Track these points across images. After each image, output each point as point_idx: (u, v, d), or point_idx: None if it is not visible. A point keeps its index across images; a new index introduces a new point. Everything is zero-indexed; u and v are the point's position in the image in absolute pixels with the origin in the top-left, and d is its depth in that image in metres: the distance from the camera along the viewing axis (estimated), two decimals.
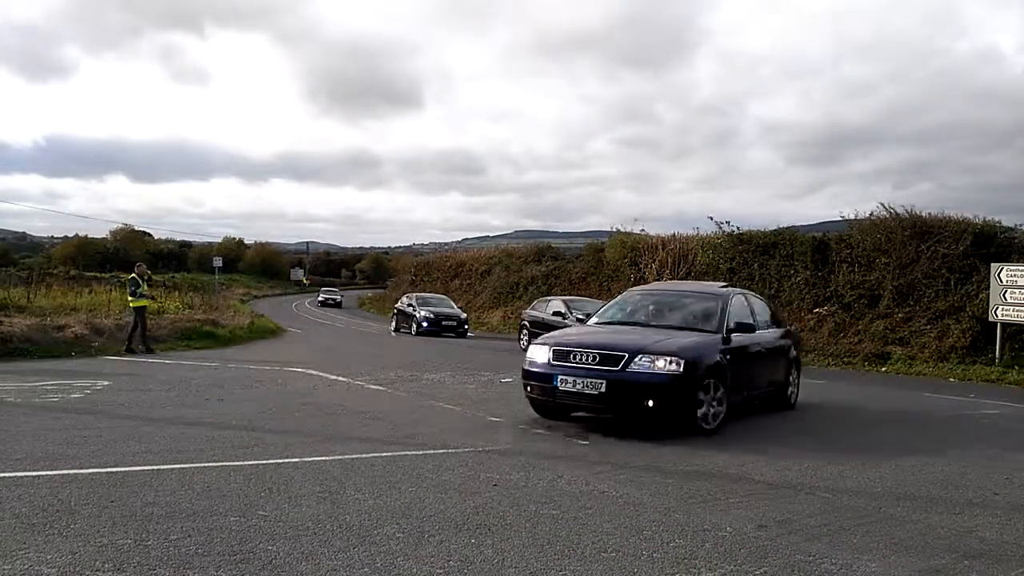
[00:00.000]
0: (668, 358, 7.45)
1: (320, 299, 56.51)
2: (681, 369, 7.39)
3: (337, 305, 54.26)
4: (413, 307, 27.50)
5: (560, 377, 7.66)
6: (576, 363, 7.66)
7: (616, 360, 7.50)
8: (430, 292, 37.63)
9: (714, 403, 7.84)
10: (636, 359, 7.46)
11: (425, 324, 26.15)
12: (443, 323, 26.40)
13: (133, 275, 16.87)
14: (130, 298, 16.63)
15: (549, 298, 23.16)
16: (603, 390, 7.42)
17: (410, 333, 26.31)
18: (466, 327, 26.89)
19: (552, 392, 7.78)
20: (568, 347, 7.88)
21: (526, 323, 21.77)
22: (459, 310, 28.51)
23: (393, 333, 28.07)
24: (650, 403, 7.38)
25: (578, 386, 7.55)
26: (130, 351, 15.90)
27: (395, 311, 29.67)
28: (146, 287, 16.85)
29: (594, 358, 7.61)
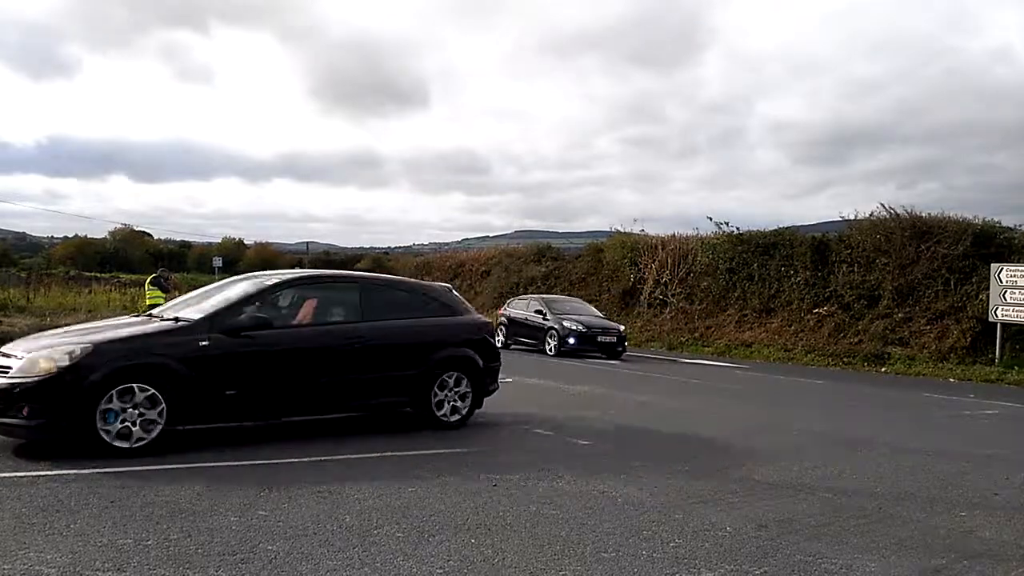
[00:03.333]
0: None
1: None
2: None
3: None
4: (544, 314, 19.45)
5: None
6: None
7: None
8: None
9: None
10: None
11: (573, 340, 18.40)
12: (599, 339, 18.51)
13: (155, 275, 17.03)
14: (149, 292, 16.73)
15: None
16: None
17: (543, 352, 18.56)
18: (625, 344, 19.41)
19: None
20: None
21: None
22: (612, 321, 20.83)
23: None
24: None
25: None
26: None
27: (504, 320, 20.76)
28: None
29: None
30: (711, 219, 29.03)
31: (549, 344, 18.83)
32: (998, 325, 17.64)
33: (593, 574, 3.74)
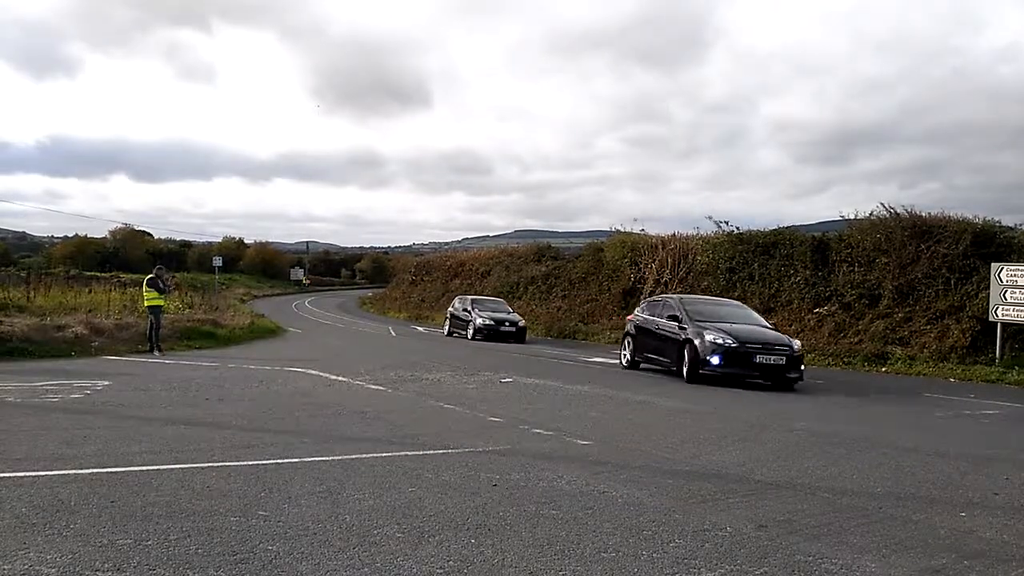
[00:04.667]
0: None
1: (480, 323, 26.23)
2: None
3: (515, 335, 25.91)
4: (680, 321, 15.97)
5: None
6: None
7: None
8: (431, 292, 37.46)
9: None
10: None
11: (717, 360, 14.27)
12: (756, 359, 14.11)
13: (152, 275, 16.92)
14: (146, 293, 16.67)
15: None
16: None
17: (678, 374, 15.29)
18: (802, 367, 14.55)
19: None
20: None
21: None
22: (780, 332, 17.57)
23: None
24: None
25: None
26: (158, 350, 16.02)
27: (631, 330, 17.58)
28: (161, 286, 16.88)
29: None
30: (711, 219, 29.09)
31: (685, 364, 14.23)
32: (998, 325, 17.64)
33: (593, 574, 3.74)
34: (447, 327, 28.57)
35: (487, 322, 26.03)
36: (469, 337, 26.18)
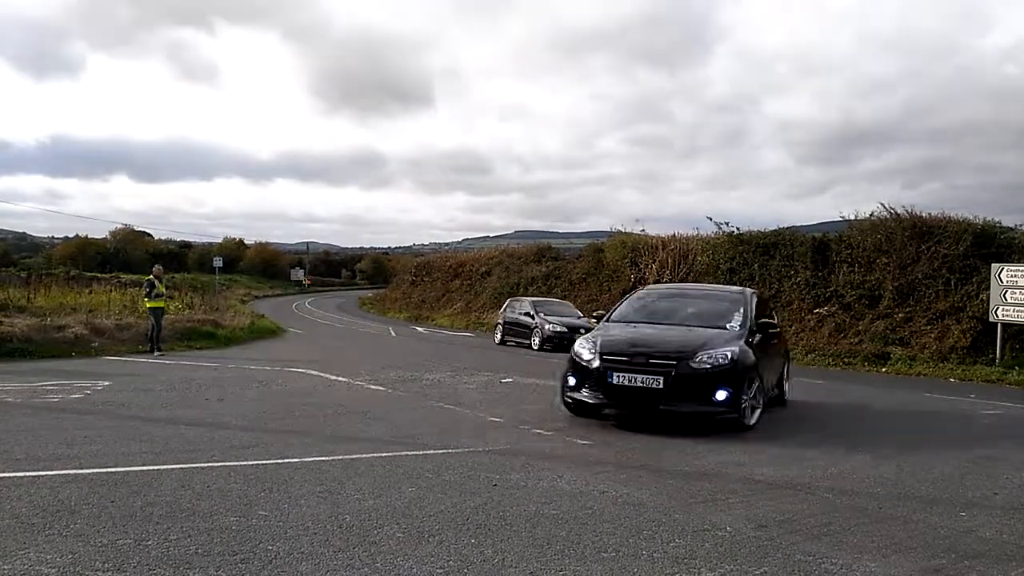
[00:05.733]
0: None
1: (549, 330, 21.70)
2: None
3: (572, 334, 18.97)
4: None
5: None
6: None
7: None
8: (431, 293, 37.21)
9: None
10: None
11: (573, 380, 9.09)
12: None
13: (150, 276, 16.98)
14: (146, 300, 16.74)
15: None
16: None
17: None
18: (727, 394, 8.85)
19: None
20: None
21: None
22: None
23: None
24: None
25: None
26: (158, 350, 16.03)
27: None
28: (162, 288, 16.95)
29: None
30: (711, 219, 29.08)
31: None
32: (999, 325, 17.63)
33: (593, 574, 3.74)
34: (499, 334, 24.21)
35: (558, 329, 21.45)
36: (535, 347, 21.64)
